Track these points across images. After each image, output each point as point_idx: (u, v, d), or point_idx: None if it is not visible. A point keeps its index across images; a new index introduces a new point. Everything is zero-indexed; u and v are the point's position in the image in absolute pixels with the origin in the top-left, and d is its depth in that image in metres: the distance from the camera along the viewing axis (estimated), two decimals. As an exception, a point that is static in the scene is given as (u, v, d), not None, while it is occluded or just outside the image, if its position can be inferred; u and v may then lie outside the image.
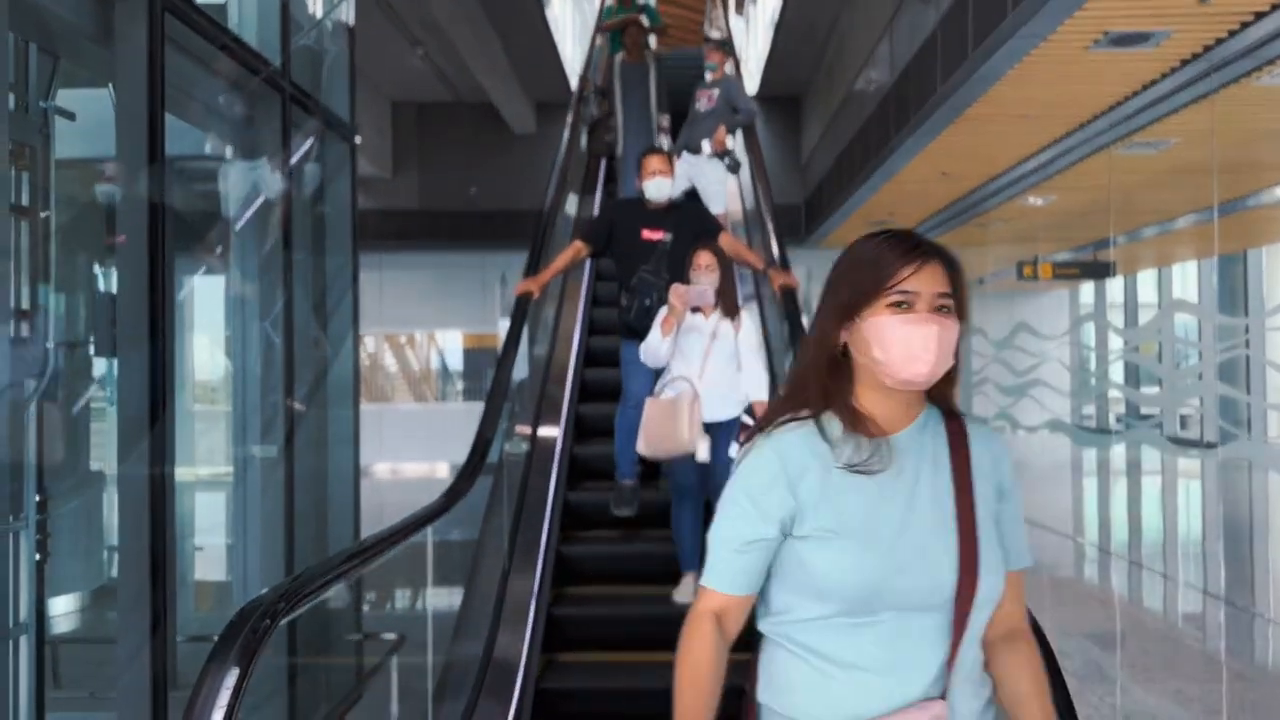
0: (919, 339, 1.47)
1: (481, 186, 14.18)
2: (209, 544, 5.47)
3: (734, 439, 4.04)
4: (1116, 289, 10.40)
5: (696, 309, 4.09)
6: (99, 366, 4.60)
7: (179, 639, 4.16)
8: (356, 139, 5.93)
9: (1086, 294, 10.77)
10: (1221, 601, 7.17)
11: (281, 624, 1.87)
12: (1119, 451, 9.58)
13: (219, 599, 5.47)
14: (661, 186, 4.54)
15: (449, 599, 4.00)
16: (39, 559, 3.63)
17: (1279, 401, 8.04)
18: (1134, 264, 10.40)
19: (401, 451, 14.52)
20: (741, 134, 7.02)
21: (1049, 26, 5.32)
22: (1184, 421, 8.81)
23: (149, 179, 3.55)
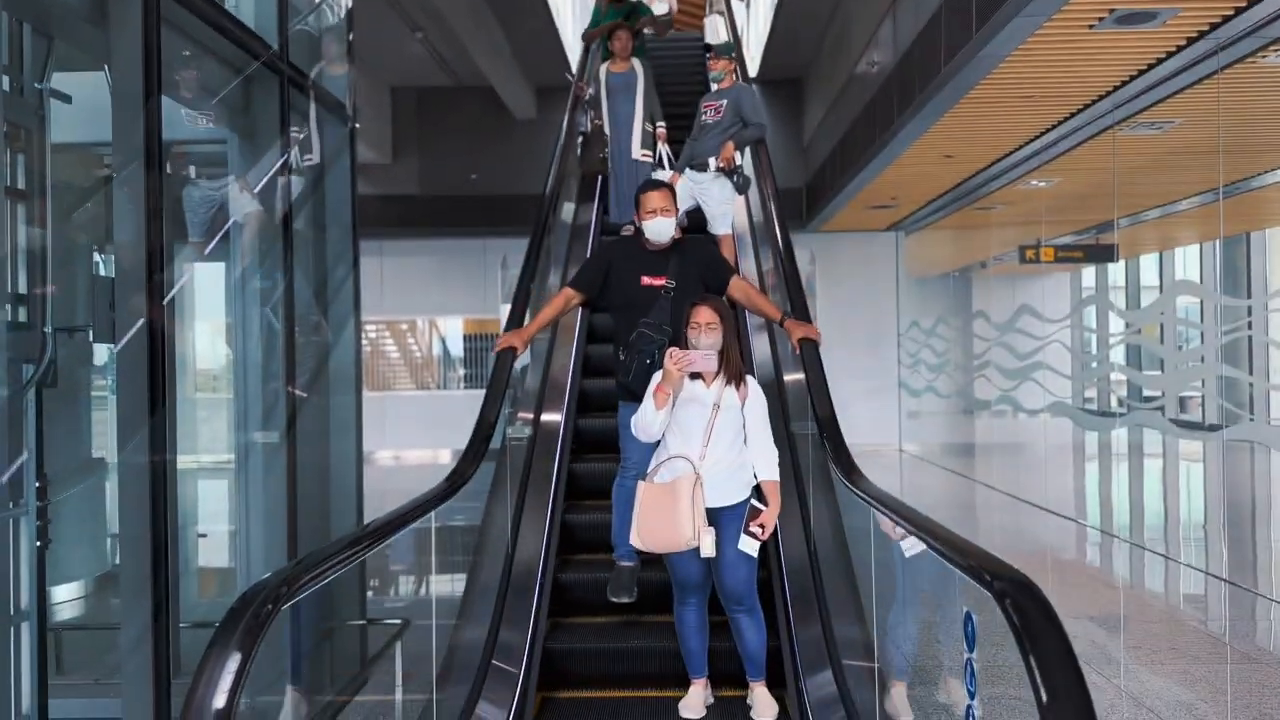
0: None
1: (482, 172, 14.14)
2: (213, 531, 5.46)
3: (744, 529, 3.51)
4: (1119, 272, 10.35)
5: (696, 375, 3.52)
6: (100, 354, 4.58)
7: (183, 625, 4.17)
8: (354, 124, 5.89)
9: (1089, 277, 10.71)
10: (1225, 583, 7.17)
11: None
12: (1121, 434, 9.55)
13: (223, 585, 5.47)
14: (663, 228, 3.99)
15: (451, 584, 3.98)
16: (40, 545, 3.63)
17: (1282, 383, 8.02)
18: (1137, 247, 10.36)
19: (403, 438, 14.55)
20: (750, 151, 6.26)
21: (1053, 5, 5.28)
22: (1186, 404, 8.78)
23: (145, 162, 3.52)
